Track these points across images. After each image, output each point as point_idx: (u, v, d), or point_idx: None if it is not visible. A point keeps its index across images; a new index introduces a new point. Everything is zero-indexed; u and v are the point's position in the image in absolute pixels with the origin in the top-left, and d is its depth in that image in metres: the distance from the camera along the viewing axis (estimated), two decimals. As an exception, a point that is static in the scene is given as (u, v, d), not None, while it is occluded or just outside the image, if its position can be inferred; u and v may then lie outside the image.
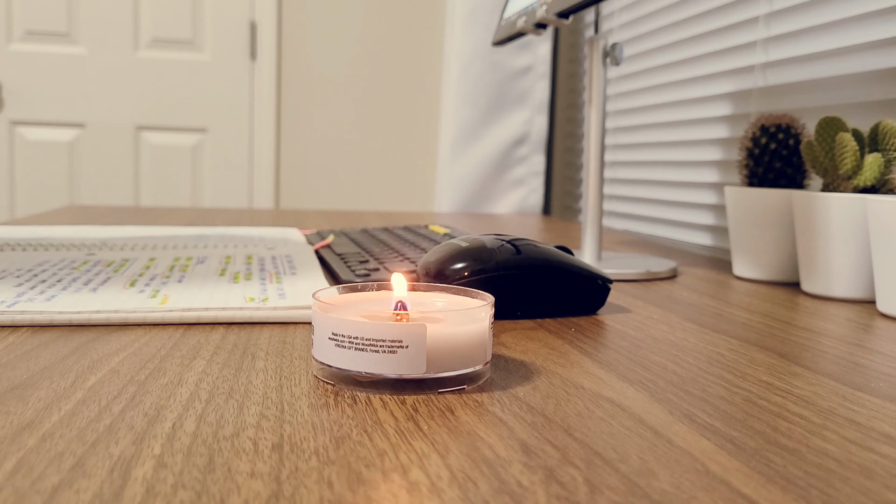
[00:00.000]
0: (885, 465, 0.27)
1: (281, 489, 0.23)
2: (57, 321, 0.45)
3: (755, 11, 0.98)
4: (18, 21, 1.90)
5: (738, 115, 1.03)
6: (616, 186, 1.44)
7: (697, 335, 0.47)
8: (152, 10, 1.94)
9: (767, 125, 0.72)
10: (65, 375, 0.35)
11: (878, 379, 0.38)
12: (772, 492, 0.24)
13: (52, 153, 1.94)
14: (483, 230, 1.17)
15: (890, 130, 0.61)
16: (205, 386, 0.34)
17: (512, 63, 1.70)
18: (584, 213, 0.78)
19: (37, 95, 1.92)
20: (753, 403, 0.33)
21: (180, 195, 2.00)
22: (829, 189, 0.64)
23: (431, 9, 2.01)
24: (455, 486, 0.24)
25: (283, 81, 1.99)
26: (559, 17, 0.75)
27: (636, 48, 1.34)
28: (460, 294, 0.40)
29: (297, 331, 0.45)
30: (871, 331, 0.50)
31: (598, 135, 0.77)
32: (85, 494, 0.22)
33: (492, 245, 0.51)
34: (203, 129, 1.99)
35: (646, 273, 0.71)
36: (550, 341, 0.45)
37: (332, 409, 0.31)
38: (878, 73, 0.78)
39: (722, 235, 1.07)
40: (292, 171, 2.01)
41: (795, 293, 0.65)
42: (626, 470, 0.26)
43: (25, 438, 0.27)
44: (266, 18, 1.97)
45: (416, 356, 0.33)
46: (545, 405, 0.32)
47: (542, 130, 1.74)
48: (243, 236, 0.87)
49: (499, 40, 0.93)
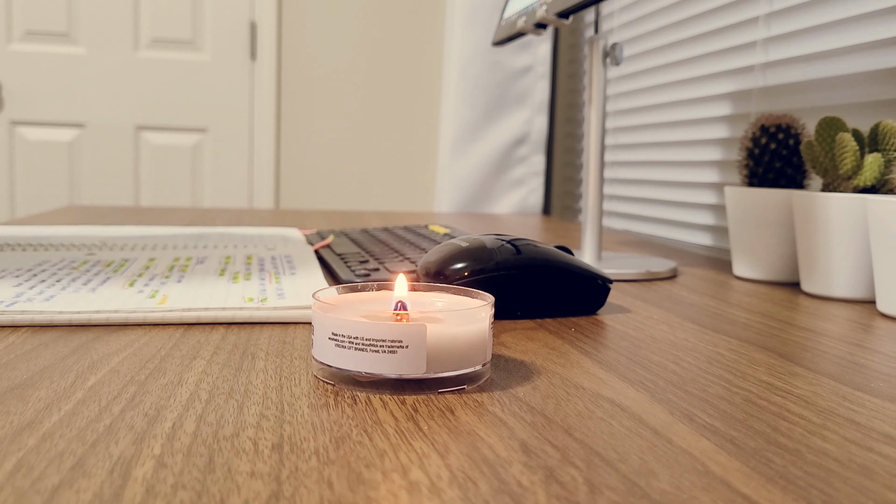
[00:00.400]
0: (885, 465, 0.27)
1: (281, 489, 0.23)
2: (57, 321, 0.45)
3: (755, 11, 0.98)
4: (18, 21, 1.90)
5: (738, 115, 1.03)
6: (616, 186, 1.44)
7: (697, 335, 0.47)
8: (152, 10, 1.94)
9: (767, 125, 0.72)
10: (65, 375, 0.35)
11: (878, 379, 0.38)
12: (772, 492, 0.24)
13: (52, 153, 1.94)
14: (483, 230, 1.17)
15: (890, 130, 0.61)
16: (205, 386, 0.34)
17: (512, 63, 1.70)
18: (584, 213, 0.78)
19: (37, 95, 1.92)
20: (753, 403, 0.33)
21: (180, 195, 2.00)
22: (829, 189, 0.64)
23: (431, 9, 2.01)
24: (455, 486, 0.24)
25: (283, 81, 1.99)
26: (559, 17, 0.75)
27: (636, 48, 1.34)
28: (460, 294, 0.40)
29: (297, 331, 0.45)
30: (871, 331, 0.50)
31: (598, 135, 0.77)
32: (85, 494, 0.22)
33: (492, 245, 0.51)
34: (203, 129, 1.99)
35: (646, 273, 0.71)
36: (550, 341, 0.45)
37: (332, 409, 0.31)
38: (878, 73, 0.78)
39: (722, 235, 1.07)
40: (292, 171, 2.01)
41: (795, 293, 0.65)
42: (626, 470, 0.26)
43: (25, 438, 0.27)
44: (266, 18, 1.97)
45: (416, 356, 0.33)
46: (545, 405, 0.32)
47: (542, 130, 1.74)
48: (243, 236, 0.87)
49: (499, 40, 0.93)
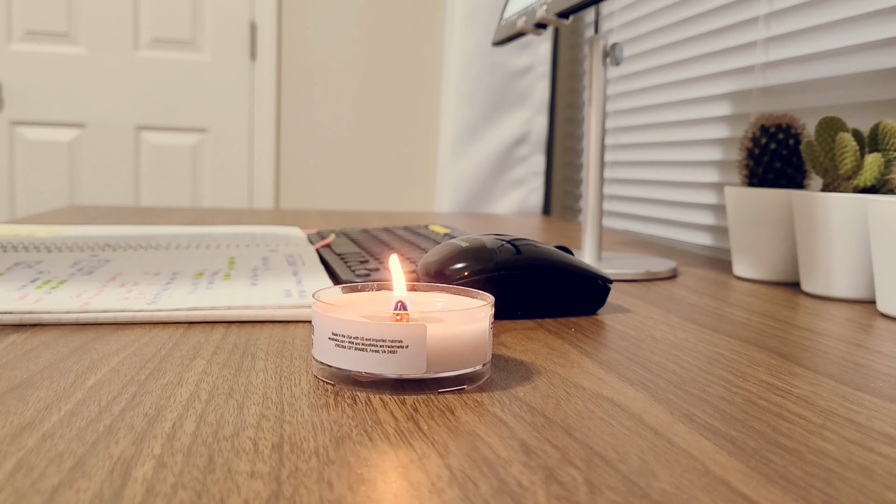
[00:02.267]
0: (885, 465, 0.27)
1: (281, 489, 0.23)
2: (65, 321, 0.45)
3: (755, 11, 0.98)
4: (18, 21, 1.90)
5: (738, 115, 1.03)
6: (616, 186, 1.44)
7: (697, 335, 0.47)
8: (152, 10, 1.94)
9: (767, 125, 0.72)
10: (65, 375, 0.35)
11: (878, 379, 0.38)
12: (772, 492, 0.24)
13: (52, 153, 1.94)
14: (483, 230, 1.17)
15: (890, 130, 0.61)
16: (205, 386, 0.34)
17: (512, 63, 1.70)
18: (584, 213, 0.78)
19: (37, 95, 1.92)
20: (753, 403, 0.33)
21: (180, 195, 2.00)
22: (829, 189, 0.64)
23: (431, 9, 2.01)
24: (455, 486, 0.24)
25: (283, 81, 1.99)
26: (559, 17, 0.75)
27: (636, 48, 1.34)
28: (460, 294, 0.40)
29: (297, 331, 0.45)
30: (871, 331, 0.50)
31: (598, 135, 0.77)
32: (85, 494, 0.23)
33: (492, 245, 0.51)
34: (203, 129, 1.99)
35: (646, 273, 0.71)
36: (550, 341, 0.45)
37: (332, 409, 0.31)
38: (878, 73, 0.78)
39: (722, 235, 1.07)
40: (292, 171, 2.01)
41: (795, 293, 0.65)
42: (626, 470, 0.26)
43: (25, 438, 0.27)
44: (266, 18, 1.97)
45: (416, 356, 0.33)
46: (545, 405, 0.32)
47: (543, 130, 1.74)
48: (245, 234, 0.87)
49: (499, 40, 0.93)
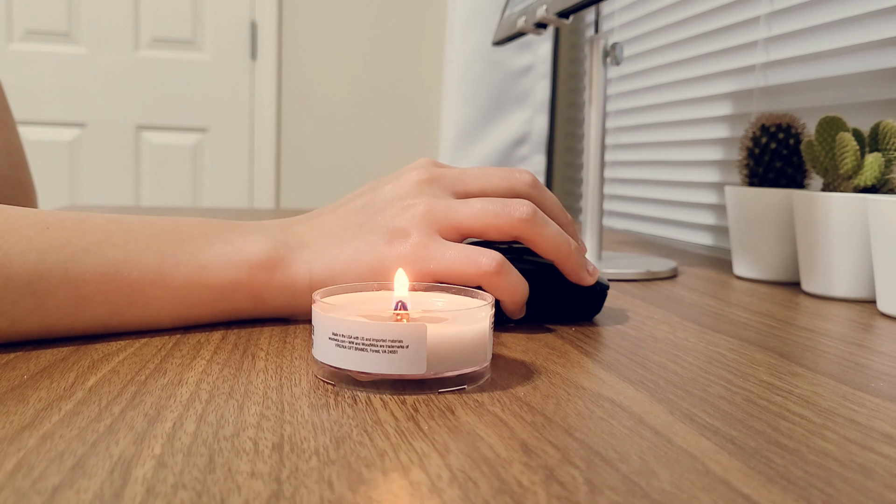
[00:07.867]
0: (886, 465, 0.27)
1: (281, 489, 0.23)
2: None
3: (755, 11, 0.98)
4: (18, 21, 1.90)
5: (739, 114, 1.03)
6: (616, 186, 1.44)
7: (697, 335, 0.47)
8: (152, 10, 1.94)
9: (768, 125, 0.72)
10: (65, 375, 0.35)
11: (879, 379, 0.38)
12: (772, 492, 0.24)
13: (52, 153, 1.94)
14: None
15: (890, 130, 0.61)
16: (205, 386, 0.34)
17: (512, 63, 1.70)
18: (585, 213, 0.78)
19: (37, 95, 1.92)
20: (754, 403, 0.33)
21: (180, 195, 2.00)
22: (829, 189, 0.64)
23: (432, 8, 2.01)
24: (455, 486, 0.24)
25: (283, 81, 1.99)
26: (559, 16, 0.75)
27: (636, 48, 1.34)
28: (460, 294, 0.40)
29: (297, 331, 0.45)
30: (871, 331, 0.50)
31: (598, 135, 0.77)
32: (85, 494, 0.22)
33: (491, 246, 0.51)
34: (203, 128, 1.99)
35: (646, 273, 0.71)
36: (550, 341, 0.44)
37: (332, 409, 0.31)
38: (878, 73, 0.78)
39: (722, 235, 1.07)
40: (292, 171, 2.02)
41: (795, 293, 0.65)
42: (627, 470, 0.25)
43: (25, 438, 0.27)
44: (266, 18, 1.97)
45: (416, 356, 0.33)
46: (545, 405, 0.32)
47: (543, 130, 1.74)
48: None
49: (499, 40, 0.93)
